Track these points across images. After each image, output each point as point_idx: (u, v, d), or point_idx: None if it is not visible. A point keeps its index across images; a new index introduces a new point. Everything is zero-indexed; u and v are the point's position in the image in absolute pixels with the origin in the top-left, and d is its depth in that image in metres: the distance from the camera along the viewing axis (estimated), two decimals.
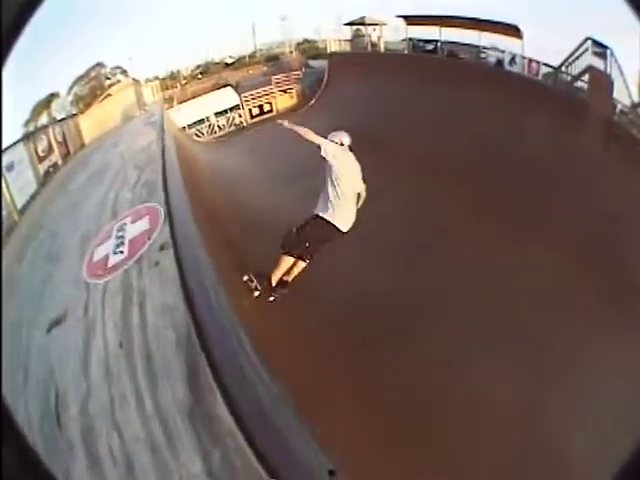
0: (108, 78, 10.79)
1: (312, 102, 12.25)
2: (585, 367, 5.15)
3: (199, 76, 13.30)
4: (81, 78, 10.23)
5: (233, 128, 11.96)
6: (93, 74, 10.42)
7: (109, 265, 1.85)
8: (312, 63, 14.05)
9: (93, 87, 10.35)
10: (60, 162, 7.30)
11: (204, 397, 1.20)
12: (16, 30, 2.24)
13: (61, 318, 1.77)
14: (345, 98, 11.50)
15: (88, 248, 2.13)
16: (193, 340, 1.35)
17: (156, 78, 12.35)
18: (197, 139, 11.07)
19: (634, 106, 10.28)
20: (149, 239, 1.90)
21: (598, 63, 9.73)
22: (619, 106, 9.56)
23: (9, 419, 1.96)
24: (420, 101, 10.14)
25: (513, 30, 11.23)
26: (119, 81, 10.92)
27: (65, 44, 8.09)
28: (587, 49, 9.95)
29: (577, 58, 10.11)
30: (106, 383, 1.37)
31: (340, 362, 3.92)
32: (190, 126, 11.27)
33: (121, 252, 1.91)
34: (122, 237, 2.01)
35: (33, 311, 2.06)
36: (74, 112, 9.55)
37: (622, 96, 9.63)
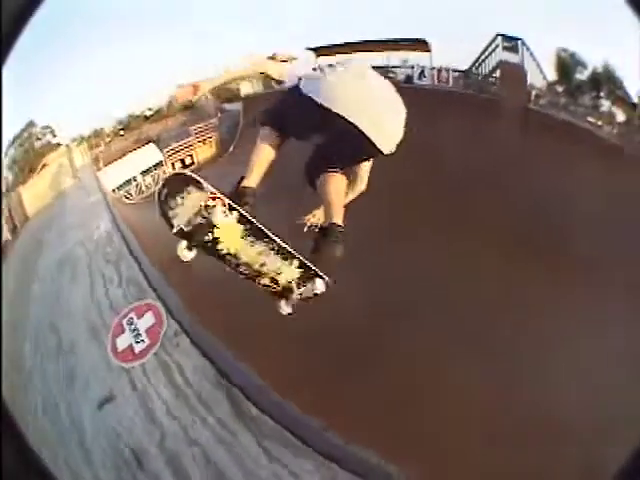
0: (39, 139, 11.06)
1: (232, 149, 12.52)
2: (551, 351, 6.03)
3: (121, 132, 13.16)
4: (15, 139, 10.50)
5: (159, 186, 12.04)
6: (25, 135, 10.81)
7: (137, 352, 2.64)
8: (228, 107, 14.31)
9: (26, 149, 10.75)
10: (10, 237, 7.58)
11: (242, 406, 2.12)
12: (16, 30, 2.43)
13: (110, 397, 2.57)
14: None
15: (105, 339, 2.90)
16: (224, 381, 2.24)
17: (82, 138, 12.48)
18: (127, 201, 10.91)
19: (551, 84, 11.35)
20: (161, 329, 2.70)
21: (510, 57, 10.67)
22: (534, 92, 10.56)
23: (9, 419, 2.35)
24: None
25: (421, 44, 12.04)
26: (49, 142, 11.19)
27: None
28: (498, 45, 10.80)
29: (488, 57, 11.01)
30: (176, 423, 2.21)
31: (319, 368, 4.68)
32: (119, 188, 11.16)
33: (142, 341, 2.69)
34: (136, 329, 2.78)
35: (68, 396, 2.81)
36: (11, 177, 9.80)
37: (537, 80, 10.61)
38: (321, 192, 3.10)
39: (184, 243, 3.00)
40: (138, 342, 2.67)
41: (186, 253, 3.01)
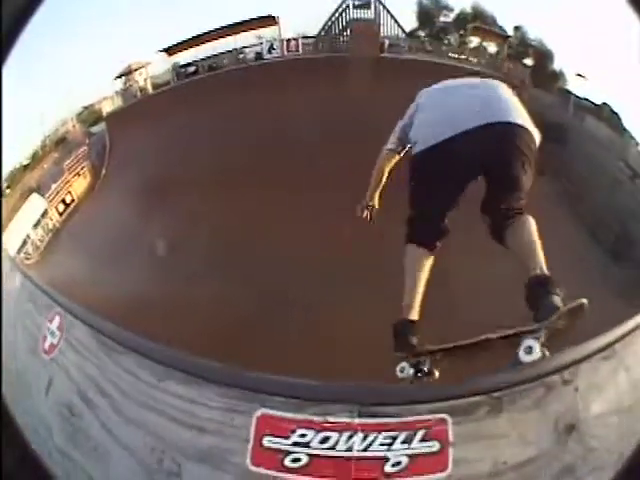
0: None
1: (103, 172, 13.41)
2: None
3: (7, 190, 13.42)
4: None
5: (50, 235, 12.80)
6: None
7: (55, 344, 3.85)
8: (94, 130, 15.14)
9: None
10: None
11: (108, 344, 3.29)
12: (16, 30, 2.57)
13: (50, 382, 3.73)
14: (136, 153, 13.02)
15: (40, 351, 4.07)
16: (95, 333, 3.43)
17: None
18: (28, 262, 11.58)
19: (413, 31, 12.77)
20: (64, 322, 3.92)
21: (363, 13, 12.61)
22: (388, 42, 11.96)
23: (9, 419, 2.66)
24: (199, 125, 12.18)
25: (268, 20, 13.72)
26: None
27: None
28: (348, 5, 12.74)
29: (339, 17, 12.98)
30: (82, 373, 3.31)
31: None
32: (18, 251, 11.60)
33: (57, 335, 3.89)
34: (52, 331, 3.95)
35: (29, 403, 3.87)
36: None
37: (394, 30, 12.01)
38: (519, 241, 3.31)
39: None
40: (54, 337, 3.88)
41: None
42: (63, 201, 13.23)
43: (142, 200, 11.00)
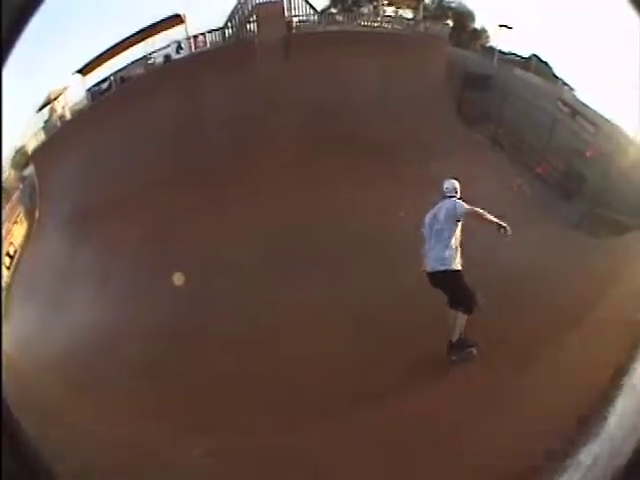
0: None
1: (37, 215, 13.02)
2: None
3: None
4: None
5: (5, 293, 11.66)
6: None
7: None
8: (26, 173, 14.18)
9: None
10: None
11: None
12: (16, 30, 2.68)
13: None
14: (61, 187, 12.89)
15: None
16: None
17: None
18: None
19: (323, 11, 12.95)
20: None
21: None
22: (296, 20, 12.12)
23: (9, 419, 2.70)
24: (114, 141, 12.12)
25: (175, 19, 12.83)
26: None
27: None
28: None
29: (244, 5, 12.40)
30: None
31: None
32: None
33: None
34: None
35: None
36: None
37: (305, 10, 12.18)
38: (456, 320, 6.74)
39: None
40: None
41: None
42: (8, 254, 12.46)
43: (72, 234, 10.94)
